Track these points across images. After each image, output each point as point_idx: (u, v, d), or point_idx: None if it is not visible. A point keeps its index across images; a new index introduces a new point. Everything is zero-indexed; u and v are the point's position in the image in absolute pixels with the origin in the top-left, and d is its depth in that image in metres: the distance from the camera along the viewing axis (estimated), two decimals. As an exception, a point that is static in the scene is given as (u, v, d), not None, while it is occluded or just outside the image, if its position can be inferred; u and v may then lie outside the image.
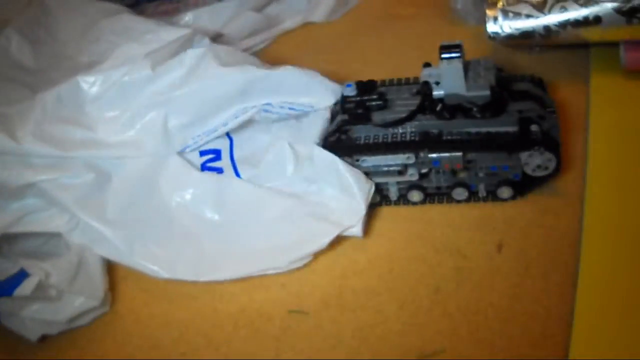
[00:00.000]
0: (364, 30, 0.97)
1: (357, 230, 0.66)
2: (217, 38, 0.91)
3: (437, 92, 0.66)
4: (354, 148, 0.68)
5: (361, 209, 0.66)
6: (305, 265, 0.66)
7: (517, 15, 0.75)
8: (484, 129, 0.65)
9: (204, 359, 0.61)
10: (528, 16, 0.75)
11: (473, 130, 0.66)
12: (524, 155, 0.65)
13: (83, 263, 0.67)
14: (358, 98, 0.70)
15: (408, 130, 0.67)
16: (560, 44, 0.77)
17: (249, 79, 0.71)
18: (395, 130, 0.67)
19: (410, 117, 0.67)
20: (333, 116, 0.72)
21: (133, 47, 0.77)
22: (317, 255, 0.67)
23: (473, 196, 0.69)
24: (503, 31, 0.76)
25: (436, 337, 0.59)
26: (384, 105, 0.70)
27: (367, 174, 0.68)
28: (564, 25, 0.74)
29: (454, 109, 0.66)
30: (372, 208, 0.70)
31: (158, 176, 0.71)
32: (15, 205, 0.70)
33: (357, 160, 0.68)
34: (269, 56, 0.90)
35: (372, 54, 0.89)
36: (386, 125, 0.68)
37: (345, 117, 0.70)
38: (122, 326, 0.66)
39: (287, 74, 0.71)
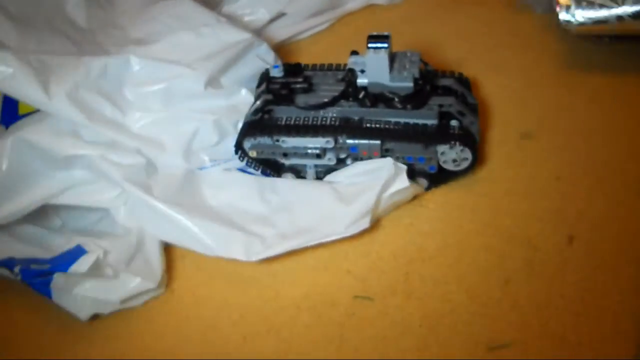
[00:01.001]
0: (427, 15, 0.98)
1: (402, 179, 0.69)
2: (279, 17, 0.92)
3: (361, 80, 0.71)
4: (274, 128, 0.71)
5: (401, 166, 0.70)
6: (371, 251, 0.68)
7: (591, 4, 0.77)
8: (403, 120, 0.70)
9: (265, 345, 0.63)
10: (602, 6, 0.77)
11: (393, 120, 0.70)
12: (440, 148, 0.69)
13: (141, 243, 0.68)
14: (284, 79, 0.73)
15: (330, 115, 0.71)
16: (633, 35, 0.79)
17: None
18: (317, 114, 0.71)
19: (333, 102, 0.72)
20: (258, 97, 0.75)
21: (187, 37, 0.79)
22: (383, 241, 0.69)
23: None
24: (575, 20, 0.78)
25: (506, 329, 0.61)
26: (309, 89, 0.73)
27: (286, 154, 0.73)
28: (637, 16, 0.76)
29: (376, 97, 0.70)
30: (439, 194, 0.72)
31: (200, 182, 0.73)
32: (62, 175, 0.71)
33: (277, 141, 0.72)
34: (332, 37, 0.92)
35: (435, 39, 0.90)
36: (308, 108, 0.72)
37: (270, 97, 0.73)
38: (178, 306, 0.67)
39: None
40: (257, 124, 0.72)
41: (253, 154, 0.74)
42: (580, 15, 0.78)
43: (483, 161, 0.75)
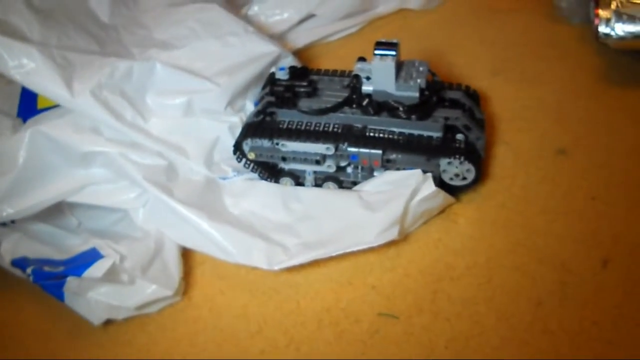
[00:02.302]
0: (461, 21, 0.95)
1: (429, 185, 0.66)
2: (308, 18, 0.90)
3: (366, 87, 0.68)
4: (275, 131, 0.69)
5: (427, 175, 0.67)
6: (397, 266, 0.65)
7: (632, 18, 0.74)
8: (407, 130, 0.68)
9: (285, 359, 0.61)
10: None
11: (397, 129, 0.68)
12: (443, 162, 0.67)
13: (159, 249, 0.65)
14: (288, 82, 0.71)
15: (332, 121, 0.69)
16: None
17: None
18: (319, 120, 0.69)
19: (336, 108, 0.69)
20: (261, 98, 0.73)
21: (213, 44, 0.77)
22: (410, 257, 0.66)
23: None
24: (615, 33, 0.75)
25: (536, 355, 0.58)
26: (313, 93, 0.71)
27: (285, 159, 0.70)
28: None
29: (380, 106, 0.68)
30: (470, 209, 0.70)
31: (221, 190, 0.71)
32: (80, 172, 0.69)
33: (277, 144, 0.69)
34: (363, 39, 0.89)
35: (468, 46, 0.88)
36: (310, 112, 0.69)
37: (272, 99, 0.71)
38: (195, 315, 0.64)
39: None
40: (257, 126, 0.70)
41: (252, 155, 0.71)
42: (621, 29, 0.75)
43: (517, 176, 0.72)
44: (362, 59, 0.71)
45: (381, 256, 0.66)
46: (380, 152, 0.67)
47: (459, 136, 0.67)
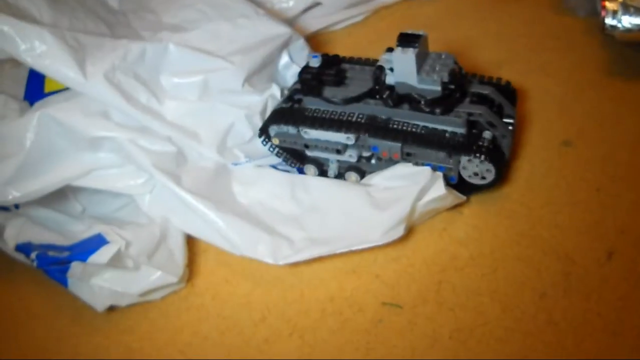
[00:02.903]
0: (466, 11, 0.94)
1: (439, 187, 0.65)
2: (314, 7, 0.89)
3: (389, 79, 0.67)
4: (299, 118, 0.69)
5: (437, 174, 0.66)
6: (402, 256, 0.65)
7: (639, 10, 0.74)
8: (430, 125, 0.66)
9: (287, 349, 0.60)
10: None
11: (420, 123, 0.67)
12: (463, 159, 0.66)
13: (165, 235, 0.64)
14: (317, 70, 0.70)
15: (358, 111, 0.68)
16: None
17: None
18: (344, 109, 0.68)
19: (359, 98, 0.68)
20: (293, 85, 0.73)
21: (224, 26, 0.76)
22: (415, 247, 0.65)
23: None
24: (622, 25, 0.75)
25: (539, 346, 0.57)
26: (340, 82, 0.70)
27: (307, 146, 0.70)
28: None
29: (401, 98, 0.67)
30: (475, 200, 0.69)
31: (231, 178, 0.70)
32: (88, 157, 0.68)
33: (299, 131, 0.69)
34: (367, 30, 0.88)
35: (473, 37, 0.87)
36: (333, 101, 0.69)
37: (298, 86, 0.70)
38: (198, 302, 0.64)
39: None
40: (284, 112, 0.70)
41: (276, 141, 0.71)
42: (627, 21, 0.74)
43: (521, 168, 0.72)
44: (390, 50, 0.68)
45: (385, 245, 0.65)
46: (399, 144, 0.66)
47: (487, 134, 0.65)
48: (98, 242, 0.62)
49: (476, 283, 0.62)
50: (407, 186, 0.66)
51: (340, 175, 0.72)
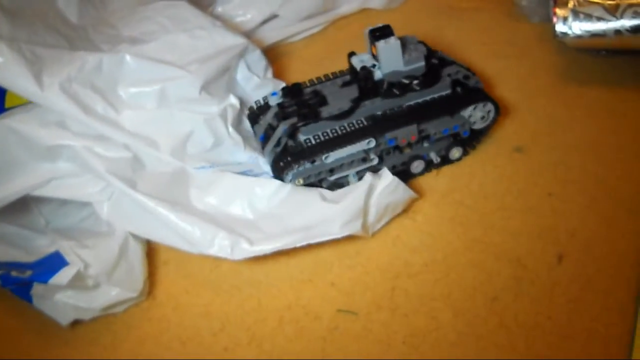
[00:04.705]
0: (423, 20, 0.94)
1: (387, 176, 0.66)
2: (271, 19, 0.88)
3: (378, 74, 0.68)
4: (311, 150, 0.67)
5: (384, 170, 0.67)
6: (357, 264, 0.64)
7: (588, 17, 0.73)
8: (423, 99, 0.70)
9: (246, 357, 0.60)
10: (599, 19, 0.73)
11: (415, 101, 0.69)
12: (467, 112, 0.70)
13: (124, 252, 0.64)
14: (295, 100, 0.69)
15: (356, 118, 0.68)
16: (630, 49, 0.75)
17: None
18: (343, 122, 0.68)
19: (358, 104, 0.68)
20: (269, 128, 0.71)
21: (181, 38, 0.75)
22: (369, 254, 0.65)
23: (428, 166, 0.72)
24: (572, 32, 0.74)
25: (491, 350, 0.57)
26: (324, 101, 0.69)
27: (332, 170, 0.69)
28: (635, 30, 0.72)
29: (393, 86, 0.69)
30: (428, 206, 0.69)
31: (189, 182, 0.69)
32: (46, 166, 0.67)
33: (314, 162, 0.67)
34: (326, 39, 0.88)
35: (431, 45, 0.86)
36: (339, 116, 0.68)
37: (294, 120, 0.68)
38: (160, 313, 0.64)
39: None
40: (291, 153, 0.67)
41: (300, 182, 0.68)
42: (578, 27, 0.74)
43: (474, 174, 0.72)
44: (352, 54, 0.71)
45: (341, 254, 0.65)
46: (415, 125, 0.68)
47: (472, 82, 0.71)
48: (57, 262, 0.62)
49: (429, 289, 0.62)
50: (357, 185, 0.67)
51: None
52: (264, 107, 0.72)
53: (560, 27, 0.74)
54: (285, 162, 0.67)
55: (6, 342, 0.64)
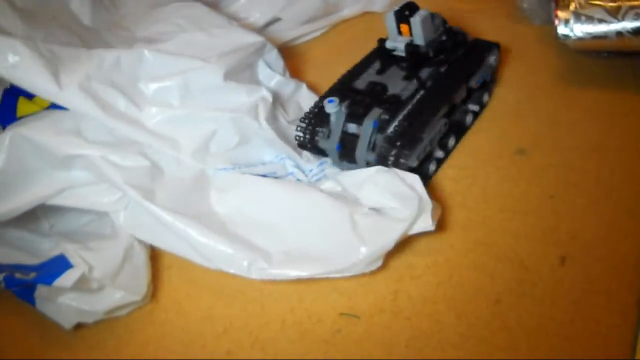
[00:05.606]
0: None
1: (425, 220, 0.62)
2: (274, 22, 0.88)
3: (421, 45, 0.72)
4: (414, 129, 0.67)
5: (426, 201, 0.63)
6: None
7: (590, 19, 0.73)
8: (455, 56, 0.74)
9: (250, 359, 0.59)
10: (601, 21, 0.72)
11: (448, 64, 0.73)
12: (490, 59, 0.76)
13: (129, 256, 0.63)
14: (359, 97, 0.69)
15: (420, 93, 0.70)
16: (632, 51, 0.75)
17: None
18: (418, 98, 0.70)
19: (412, 79, 0.72)
20: (338, 140, 0.69)
21: (199, 36, 0.73)
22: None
23: (475, 115, 0.76)
24: (574, 34, 0.74)
25: (494, 352, 0.57)
26: (386, 88, 0.71)
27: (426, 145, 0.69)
28: (636, 32, 0.72)
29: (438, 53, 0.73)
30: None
31: (209, 185, 0.68)
32: (61, 175, 0.65)
33: (422, 140, 0.68)
34: (328, 43, 0.87)
35: None
36: (414, 95, 0.70)
37: (378, 112, 0.67)
38: (162, 317, 0.63)
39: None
40: (401, 142, 0.66)
41: (415, 163, 0.67)
42: (579, 29, 0.73)
43: (477, 176, 0.71)
44: (382, 40, 0.74)
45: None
46: (464, 81, 0.73)
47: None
48: (62, 264, 0.61)
49: (432, 291, 0.62)
50: (394, 214, 0.63)
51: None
52: (317, 120, 0.70)
53: (562, 30, 0.74)
54: (405, 149, 0.66)
55: (9, 346, 0.64)
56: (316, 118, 0.70)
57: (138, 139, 0.67)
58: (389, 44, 0.73)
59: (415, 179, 0.64)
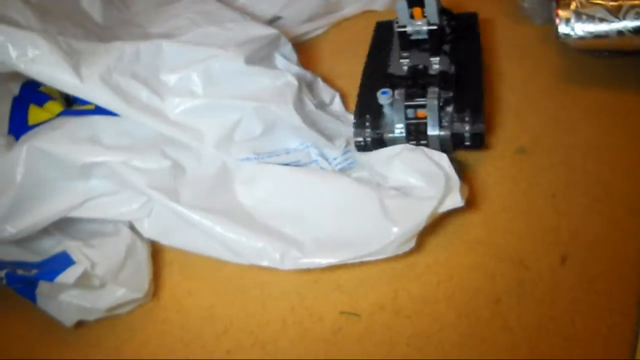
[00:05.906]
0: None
1: (455, 198, 0.61)
2: (275, 20, 0.88)
3: (438, 23, 0.73)
4: (471, 99, 0.69)
5: (454, 179, 0.62)
6: (360, 266, 0.63)
7: (591, 18, 0.72)
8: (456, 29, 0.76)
9: (250, 358, 0.59)
10: (602, 20, 0.72)
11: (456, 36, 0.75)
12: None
13: (131, 253, 0.63)
14: (410, 82, 0.69)
15: (455, 67, 0.72)
16: (633, 50, 0.74)
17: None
18: (456, 72, 0.71)
19: (451, 55, 0.73)
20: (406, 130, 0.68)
21: (213, 30, 0.72)
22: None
23: None
24: (575, 33, 0.73)
25: (494, 352, 0.57)
26: (427, 69, 0.72)
27: None
28: (638, 31, 0.71)
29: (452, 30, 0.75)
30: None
31: (233, 178, 0.66)
32: (80, 186, 0.64)
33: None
34: (329, 41, 0.87)
35: None
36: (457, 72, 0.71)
37: (436, 90, 0.68)
38: (163, 315, 0.63)
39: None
40: (472, 108, 0.67)
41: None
42: (580, 28, 0.73)
43: (477, 175, 0.71)
44: (381, 25, 0.78)
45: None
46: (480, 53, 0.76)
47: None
48: (64, 261, 0.61)
49: (432, 290, 0.62)
50: (422, 193, 0.62)
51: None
52: (372, 117, 0.68)
53: (562, 29, 0.74)
54: (476, 119, 0.67)
55: (9, 343, 0.64)
56: (371, 115, 0.68)
57: (161, 130, 0.66)
58: (409, 29, 0.72)
59: (442, 157, 0.64)
